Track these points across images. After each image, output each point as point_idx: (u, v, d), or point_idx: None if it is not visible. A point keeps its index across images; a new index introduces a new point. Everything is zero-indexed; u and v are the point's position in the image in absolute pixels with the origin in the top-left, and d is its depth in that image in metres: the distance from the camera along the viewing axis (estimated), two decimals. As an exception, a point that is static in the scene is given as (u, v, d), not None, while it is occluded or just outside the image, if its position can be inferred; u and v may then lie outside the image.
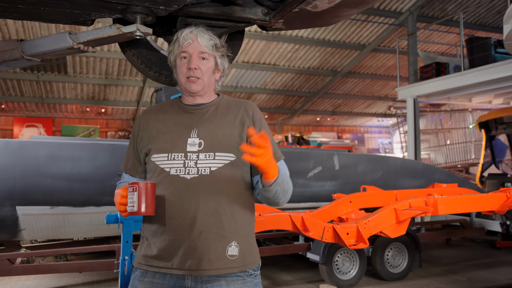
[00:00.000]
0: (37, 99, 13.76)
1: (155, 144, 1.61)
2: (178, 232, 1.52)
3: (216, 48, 1.64)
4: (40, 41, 1.97)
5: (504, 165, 9.40)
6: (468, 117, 16.99)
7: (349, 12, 1.87)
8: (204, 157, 1.55)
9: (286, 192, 1.56)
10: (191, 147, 1.57)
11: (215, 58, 1.65)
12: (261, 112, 1.71)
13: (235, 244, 1.54)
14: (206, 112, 1.65)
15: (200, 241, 1.50)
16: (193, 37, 1.61)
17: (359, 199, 4.46)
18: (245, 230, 1.59)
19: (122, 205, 1.50)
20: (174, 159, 1.56)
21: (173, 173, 1.55)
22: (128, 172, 1.72)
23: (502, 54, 8.26)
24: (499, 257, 6.49)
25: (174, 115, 1.67)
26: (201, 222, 1.51)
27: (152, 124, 1.67)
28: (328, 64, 14.18)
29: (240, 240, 1.55)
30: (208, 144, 1.57)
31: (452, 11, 12.25)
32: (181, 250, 1.51)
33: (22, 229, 4.70)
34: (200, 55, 1.61)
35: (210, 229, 1.51)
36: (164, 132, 1.63)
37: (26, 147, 4.56)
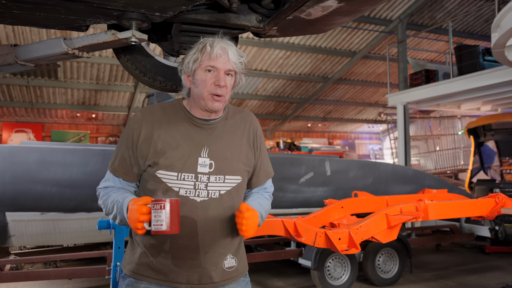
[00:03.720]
0: (26, 104, 13.64)
1: (163, 159, 1.52)
2: (183, 251, 1.52)
3: (244, 66, 1.58)
4: (34, 46, 1.97)
5: (492, 171, 9.52)
6: (457, 123, 17.20)
7: (342, 20, 1.90)
8: (214, 179, 1.53)
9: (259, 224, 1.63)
10: (202, 168, 1.52)
11: (239, 75, 1.60)
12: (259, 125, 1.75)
13: (230, 256, 1.60)
14: (215, 128, 1.59)
15: (205, 260, 1.54)
16: (224, 51, 1.52)
17: (351, 205, 4.50)
18: (237, 243, 1.64)
19: (141, 223, 1.40)
20: (184, 179, 1.51)
21: (182, 194, 1.51)
22: (120, 177, 1.58)
23: (490, 61, 8.39)
24: (488, 262, 6.56)
25: (182, 127, 1.57)
26: (208, 244, 1.53)
27: (157, 134, 1.54)
28: (319, 70, 14.29)
29: (234, 251, 1.62)
30: (218, 165, 1.54)
31: (441, 19, 12.44)
32: (183, 268, 1.53)
33: (12, 235, 4.64)
34: (228, 71, 1.54)
35: (215, 249, 1.55)
36: (172, 147, 1.53)
37: (17, 152, 4.52)
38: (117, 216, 1.52)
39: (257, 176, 1.70)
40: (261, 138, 1.70)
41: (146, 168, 1.56)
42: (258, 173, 1.70)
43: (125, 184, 1.60)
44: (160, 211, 1.36)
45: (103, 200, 1.58)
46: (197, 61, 1.52)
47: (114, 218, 1.54)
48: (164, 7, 1.68)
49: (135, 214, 1.40)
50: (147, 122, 1.56)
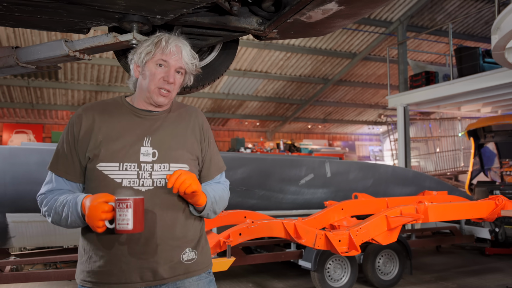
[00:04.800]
0: (27, 105, 13.64)
1: (103, 151, 1.47)
2: (132, 246, 1.46)
3: (194, 67, 1.61)
4: (36, 49, 1.98)
5: (492, 173, 9.52)
6: (457, 125, 17.20)
7: (342, 22, 1.91)
8: (159, 168, 1.50)
9: (215, 212, 1.61)
10: (145, 157, 1.49)
11: (187, 75, 1.62)
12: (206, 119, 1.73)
13: (189, 250, 1.56)
14: (158, 119, 1.58)
15: (157, 253, 1.48)
16: (178, 49, 1.54)
17: (351, 207, 4.50)
18: (198, 235, 1.61)
19: (102, 221, 1.35)
20: (127, 169, 1.47)
21: (126, 185, 1.46)
22: (63, 176, 1.51)
23: (490, 63, 8.40)
24: (488, 264, 6.55)
25: (123, 119, 1.55)
26: (159, 236, 1.48)
27: (97, 127, 1.51)
28: (319, 72, 14.29)
29: (194, 245, 1.58)
30: (162, 154, 1.51)
31: (441, 21, 12.45)
32: (135, 264, 1.46)
33: (12, 236, 4.65)
34: (178, 69, 1.56)
35: (167, 241, 1.49)
36: (112, 138, 1.49)
37: (17, 154, 4.52)
38: (69, 217, 1.43)
39: (207, 169, 1.66)
40: (208, 132, 1.68)
41: (86, 163, 1.50)
42: (209, 166, 1.66)
43: (69, 185, 1.53)
44: (126, 210, 1.34)
45: (49, 205, 1.48)
46: (149, 54, 1.53)
47: (64, 221, 1.45)
48: (165, 10, 1.68)
49: (96, 211, 1.34)
50: (87, 116, 1.53)
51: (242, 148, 13.29)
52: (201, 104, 15.28)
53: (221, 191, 1.64)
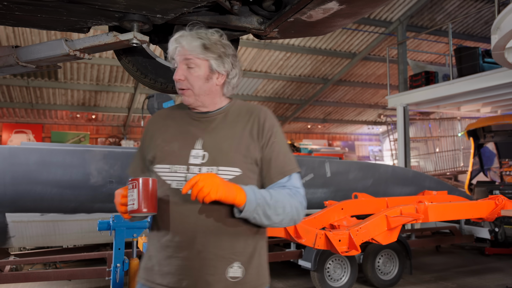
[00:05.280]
0: (26, 105, 13.63)
1: (159, 153, 1.50)
2: (177, 249, 1.42)
3: (206, 48, 1.42)
4: (36, 48, 1.97)
5: (492, 173, 9.52)
6: (456, 125, 17.20)
7: (342, 22, 1.91)
8: (206, 171, 1.42)
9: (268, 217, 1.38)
10: (194, 160, 1.44)
11: (209, 61, 1.45)
12: (275, 119, 1.54)
13: (237, 264, 1.41)
14: (213, 121, 1.50)
15: (198, 261, 1.39)
16: (177, 42, 1.45)
17: (351, 206, 4.50)
18: (250, 250, 1.45)
19: (123, 206, 1.39)
20: (176, 171, 1.45)
21: (174, 187, 1.44)
22: (131, 175, 1.58)
23: (490, 63, 8.41)
24: (488, 264, 6.56)
25: (182, 122, 1.54)
26: (200, 241, 1.39)
27: (159, 131, 1.55)
28: (319, 72, 14.29)
29: (245, 260, 1.43)
30: (212, 157, 1.44)
31: (441, 21, 12.45)
32: (178, 269, 1.40)
33: (11, 236, 4.65)
34: (186, 62, 1.44)
35: (209, 249, 1.39)
36: (167, 140, 1.51)
37: (17, 154, 4.52)
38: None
39: (266, 172, 1.48)
40: (270, 131, 1.49)
41: (149, 165, 1.55)
42: (268, 168, 1.47)
43: None
44: (133, 190, 1.34)
45: None
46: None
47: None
48: (165, 9, 1.68)
49: (117, 197, 1.41)
50: (156, 121, 1.60)
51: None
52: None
53: (280, 195, 1.41)
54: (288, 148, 1.53)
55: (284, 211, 1.40)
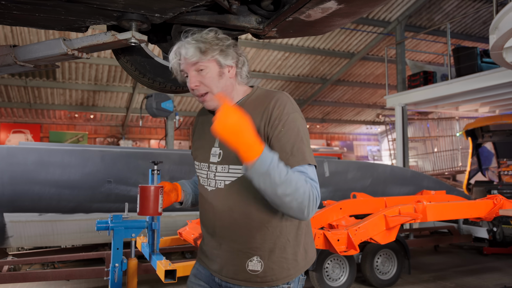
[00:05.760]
0: (24, 105, 13.61)
1: (193, 150, 1.65)
2: (208, 239, 1.57)
3: (206, 49, 1.43)
4: (34, 47, 1.97)
5: (490, 173, 9.54)
6: (455, 125, 17.24)
7: (341, 21, 1.90)
8: (221, 169, 1.47)
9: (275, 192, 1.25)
10: (213, 158, 1.50)
11: (215, 59, 1.45)
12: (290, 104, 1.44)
13: (257, 259, 1.45)
14: None
15: (221, 251, 1.51)
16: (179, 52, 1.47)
17: (349, 206, 4.50)
18: (270, 245, 1.45)
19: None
20: (202, 168, 1.56)
21: (201, 183, 1.57)
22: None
23: (488, 63, 8.42)
24: (486, 263, 6.57)
25: (209, 119, 1.55)
26: (219, 235, 1.50)
27: (196, 128, 1.68)
28: (317, 72, 14.30)
29: (264, 255, 1.45)
30: (225, 155, 1.46)
31: (439, 21, 12.47)
32: (211, 255, 1.56)
33: (10, 236, 4.64)
34: (194, 68, 1.45)
35: (227, 243, 1.49)
36: (198, 139, 1.63)
37: (15, 153, 4.51)
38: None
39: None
40: (278, 119, 1.39)
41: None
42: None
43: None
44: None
45: None
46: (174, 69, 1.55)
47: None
48: (164, 8, 1.67)
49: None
50: (196, 119, 1.73)
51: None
52: (199, 104, 15.27)
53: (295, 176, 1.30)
54: (301, 138, 1.39)
55: (295, 193, 1.27)
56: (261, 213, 1.44)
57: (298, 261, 1.50)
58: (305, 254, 1.53)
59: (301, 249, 1.51)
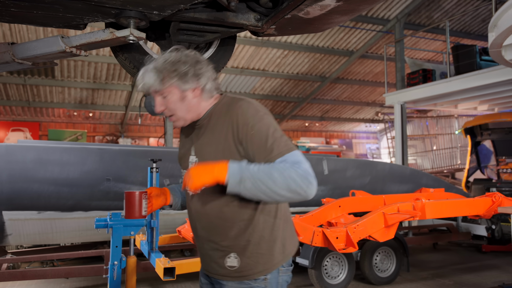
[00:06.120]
0: (23, 103, 13.58)
1: (178, 158, 1.78)
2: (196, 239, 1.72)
3: (164, 78, 1.52)
4: (32, 45, 1.96)
5: (489, 170, 9.55)
6: (454, 123, 17.25)
7: (340, 19, 1.90)
8: None
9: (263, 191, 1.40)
10: (191, 165, 1.63)
11: (175, 86, 1.53)
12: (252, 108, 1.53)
13: (234, 255, 1.57)
14: (201, 127, 1.63)
15: (204, 250, 1.65)
16: (142, 80, 1.56)
17: (348, 204, 4.51)
18: (244, 242, 1.56)
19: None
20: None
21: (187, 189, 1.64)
22: None
23: (487, 61, 8.42)
24: (485, 261, 6.58)
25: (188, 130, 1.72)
26: (200, 235, 1.65)
27: (181, 137, 1.80)
28: (316, 70, 14.29)
29: (240, 251, 1.57)
30: (200, 162, 1.60)
31: (438, 19, 12.46)
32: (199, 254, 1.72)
33: (8, 234, 4.63)
34: (158, 94, 1.56)
35: (207, 243, 1.63)
36: (181, 147, 1.76)
37: (13, 151, 4.51)
38: None
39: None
40: (245, 126, 1.49)
41: None
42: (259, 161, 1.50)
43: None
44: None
45: None
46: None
47: None
48: (162, 6, 1.67)
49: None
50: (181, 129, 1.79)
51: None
52: (198, 102, 15.24)
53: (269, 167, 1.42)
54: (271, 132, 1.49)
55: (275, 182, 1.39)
56: (234, 214, 1.56)
57: (275, 255, 1.59)
58: (283, 248, 1.62)
59: (278, 243, 1.60)
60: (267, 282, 1.58)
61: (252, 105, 1.54)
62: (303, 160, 1.46)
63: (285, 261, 1.62)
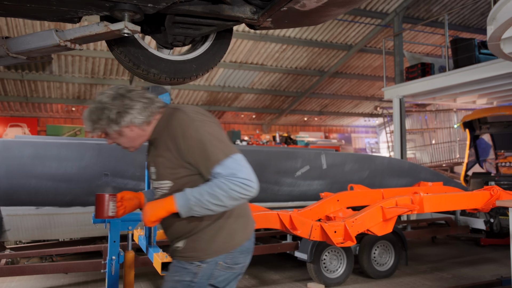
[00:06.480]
0: (21, 99, 13.53)
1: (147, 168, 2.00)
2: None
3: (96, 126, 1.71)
4: (26, 39, 1.95)
5: (488, 164, 9.55)
6: (452, 117, 17.24)
7: (336, 11, 1.89)
8: (157, 184, 1.82)
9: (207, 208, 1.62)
10: (153, 175, 1.84)
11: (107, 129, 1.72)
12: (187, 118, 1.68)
13: (182, 241, 1.78)
14: (152, 143, 1.83)
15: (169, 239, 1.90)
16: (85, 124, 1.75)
17: (347, 198, 4.51)
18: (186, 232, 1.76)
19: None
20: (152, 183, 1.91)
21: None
22: None
23: (486, 55, 8.39)
24: (483, 254, 6.60)
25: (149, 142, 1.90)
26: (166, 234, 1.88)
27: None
28: (315, 64, 14.25)
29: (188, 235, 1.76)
30: (157, 173, 1.79)
31: (437, 12, 12.41)
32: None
33: (7, 229, 4.63)
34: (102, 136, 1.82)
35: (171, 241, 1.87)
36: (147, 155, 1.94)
37: (11, 147, 4.49)
38: None
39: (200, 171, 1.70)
40: (181, 137, 1.65)
41: None
42: (200, 170, 1.68)
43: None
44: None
45: None
46: None
47: None
48: (157, -2, 1.66)
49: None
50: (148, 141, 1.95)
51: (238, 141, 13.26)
52: (196, 97, 15.21)
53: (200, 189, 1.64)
54: (207, 140, 1.63)
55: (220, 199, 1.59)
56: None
57: (218, 243, 1.73)
58: (230, 238, 1.74)
59: (224, 233, 1.74)
60: (200, 268, 1.71)
61: (186, 115, 1.68)
62: (239, 166, 1.60)
63: (228, 250, 1.72)
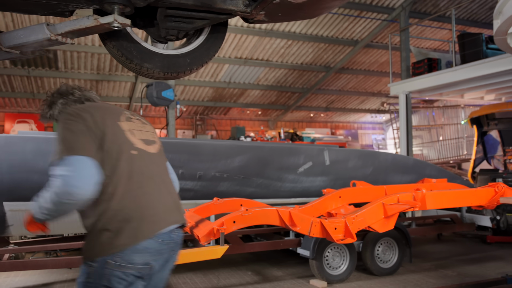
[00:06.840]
0: (28, 95, 13.63)
1: None
2: None
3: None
4: (18, 33, 1.93)
5: (495, 161, 9.44)
6: (460, 113, 17.06)
7: (331, 4, 1.85)
8: None
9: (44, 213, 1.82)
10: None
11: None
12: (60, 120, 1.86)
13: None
14: None
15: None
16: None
17: (349, 194, 4.47)
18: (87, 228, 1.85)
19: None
20: None
21: None
22: None
23: (493, 50, 8.27)
24: (489, 252, 6.52)
25: None
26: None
27: None
28: (321, 60, 14.16)
29: (84, 240, 1.85)
30: None
31: (444, 7, 12.25)
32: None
33: (10, 225, 4.65)
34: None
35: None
36: None
37: (13, 142, 4.51)
38: None
39: None
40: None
41: None
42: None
43: None
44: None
45: None
46: None
47: None
48: (146, -9, 1.63)
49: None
50: None
51: (242, 137, 13.25)
52: (202, 93, 15.20)
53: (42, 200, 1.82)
54: (57, 141, 1.78)
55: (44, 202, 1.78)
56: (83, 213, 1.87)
57: (102, 243, 1.74)
58: (115, 237, 1.74)
59: (107, 234, 1.75)
60: (91, 268, 1.75)
61: (63, 115, 1.87)
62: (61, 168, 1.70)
63: (115, 250, 1.72)
